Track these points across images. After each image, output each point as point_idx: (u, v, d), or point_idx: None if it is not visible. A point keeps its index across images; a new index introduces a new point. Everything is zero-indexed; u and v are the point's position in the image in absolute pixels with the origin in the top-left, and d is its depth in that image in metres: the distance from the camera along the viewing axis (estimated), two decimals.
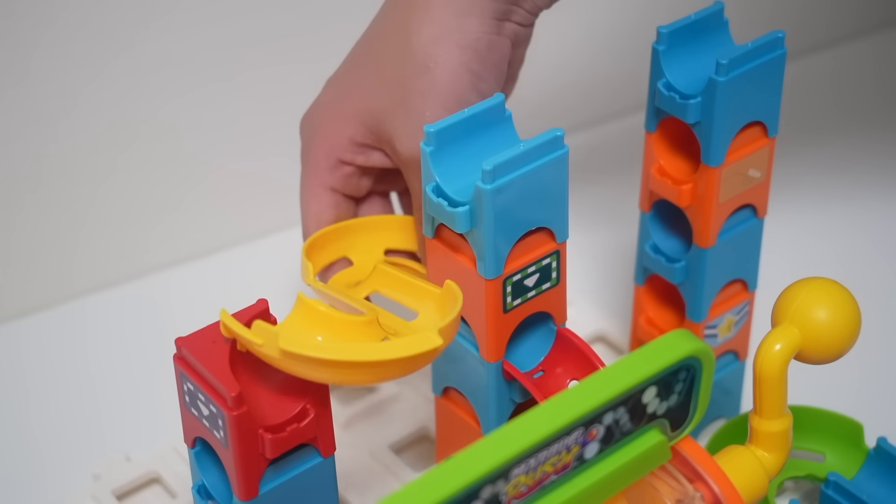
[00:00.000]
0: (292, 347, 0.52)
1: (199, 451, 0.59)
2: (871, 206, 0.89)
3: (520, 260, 0.59)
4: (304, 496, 0.59)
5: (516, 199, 0.57)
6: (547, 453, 0.50)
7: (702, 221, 0.66)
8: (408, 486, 0.46)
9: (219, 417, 0.55)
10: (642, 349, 0.52)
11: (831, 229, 0.87)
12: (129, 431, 0.74)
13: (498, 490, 0.48)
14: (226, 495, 0.59)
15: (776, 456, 0.59)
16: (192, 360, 0.56)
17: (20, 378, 0.78)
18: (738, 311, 0.70)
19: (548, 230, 0.60)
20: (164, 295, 0.84)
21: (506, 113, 0.60)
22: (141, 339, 0.80)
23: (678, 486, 0.56)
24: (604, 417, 0.51)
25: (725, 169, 0.65)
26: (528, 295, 0.60)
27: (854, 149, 0.95)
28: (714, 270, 0.67)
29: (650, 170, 0.67)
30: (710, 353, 0.53)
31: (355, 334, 0.57)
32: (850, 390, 0.74)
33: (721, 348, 0.71)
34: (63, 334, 0.81)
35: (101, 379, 0.78)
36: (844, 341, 0.58)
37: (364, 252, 0.67)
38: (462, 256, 0.60)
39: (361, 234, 0.67)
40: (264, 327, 0.53)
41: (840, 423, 0.68)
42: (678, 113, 0.64)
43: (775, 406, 0.58)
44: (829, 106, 1.00)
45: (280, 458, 0.58)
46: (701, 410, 0.55)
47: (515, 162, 0.57)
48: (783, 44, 0.64)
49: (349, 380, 0.53)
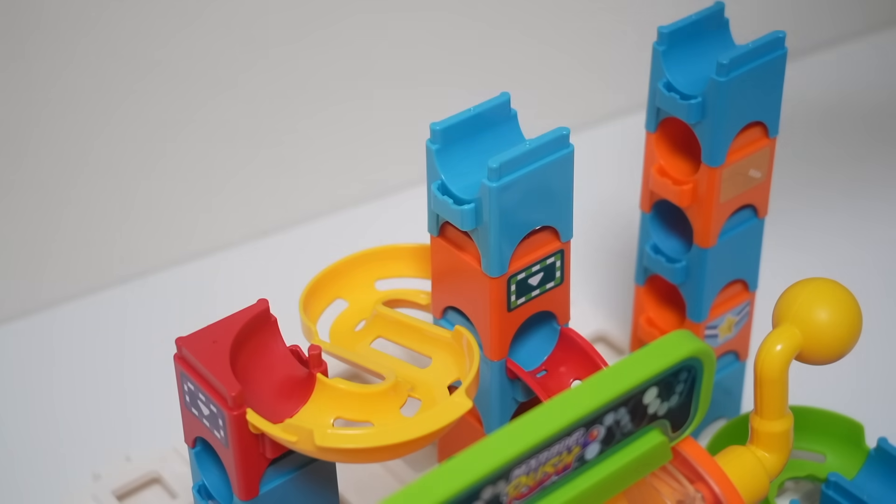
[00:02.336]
0: (329, 443, 0.53)
1: (199, 451, 0.59)
2: (872, 207, 0.89)
3: (524, 259, 0.60)
4: (304, 496, 0.59)
5: (521, 197, 0.57)
6: (548, 454, 0.50)
7: (702, 222, 0.66)
8: (408, 486, 0.46)
9: (219, 417, 0.55)
10: (643, 350, 0.52)
11: (832, 229, 0.87)
12: (129, 431, 0.74)
13: (499, 491, 0.48)
14: (226, 495, 0.59)
15: (777, 456, 0.59)
16: (193, 359, 0.56)
17: (20, 378, 0.78)
18: (739, 311, 0.70)
19: (552, 229, 0.60)
20: (164, 295, 0.84)
21: (511, 112, 0.60)
22: (141, 339, 0.80)
23: (679, 487, 0.56)
24: (605, 418, 0.51)
25: (726, 169, 0.65)
26: (531, 294, 0.61)
27: (854, 149, 0.95)
28: (714, 271, 0.67)
29: (650, 170, 0.67)
30: (711, 353, 0.53)
31: (380, 406, 0.58)
32: (850, 390, 0.74)
33: (722, 349, 0.71)
34: (63, 334, 0.81)
35: (101, 379, 0.77)
36: (845, 342, 0.58)
37: (356, 289, 0.67)
38: (466, 255, 0.60)
39: (350, 273, 0.66)
40: (295, 425, 0.54)
41: (840, 424, 0.68)
42: (679, 113, 0.64)
43: (776, 407, 0.58)
44: (830, 106, 1.00)
45: (280, 458, 0.58)
46: (702, 411, 0.55)
47: (521, 160, 0.57)
48: (783, 44, 0.64)
49: (387, 458, 0.55)
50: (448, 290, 0.63)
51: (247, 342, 0.58)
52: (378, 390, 0.58)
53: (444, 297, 0.63)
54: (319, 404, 0.58)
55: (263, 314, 0.58)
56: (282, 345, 0.59)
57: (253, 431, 0.55)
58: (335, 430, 0.53)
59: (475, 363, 0.57)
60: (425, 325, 0.62)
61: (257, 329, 0.58)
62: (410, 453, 0.58)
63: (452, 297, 0.63)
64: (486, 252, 0.58)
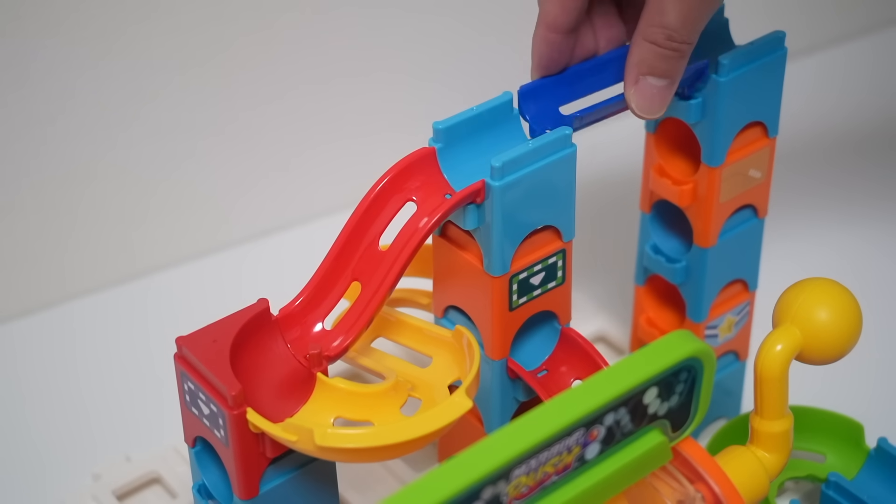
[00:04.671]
0: (329, 442, 0.53)
1: (199, 451, 0.59)
2: (872, 206, 0.89)
3: (526, 258, 0.60)
4: (304, 496, 0.59)
5: (524, 196, 0.58)
6: (548, 454, 0.50)
7: (702, 221, 0.66)
8: (408, 486, 0.46)
9: (219, 416, 0.55)
10: (643, 350, 0.52)
11: (831, 229, 0.87)
12: (129, 431, 0.74)
13: (499, 491, 0.48)
14: (226, 495, 0.59)
15: (777, 456, 0.59)
16: (193, 359, 0.56)
17: (20, 378, 0.78)
18: (739, 311, 0.70)
19: (554, 229, 0.60)
20: (164, 295, 0.84)
21: (513, 112, 0.60)
22: (141, 338, 0.80)
23: (679, 487, 0.56)
24: (605, 418, 0.51)
25: (726, 169, 0.65)
26: (533, 293, 0.61)
27: (854, 148, 0.95)
28: (714, 271, 0.67)
29: (650, 170, 0.67)
30: (711, 353, 0.53)
31: (380, 405, 0.58)
32: (850, 390, 0.74)
33: (721, 348, 0.71)
34: (63, 334, 0.81)
35: (102, 379, 0.77)
36: (846, 342, 0.58)
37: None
38: (468, 254, 0.60)
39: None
40: (295, 425, 0.54)
41: (840, 424, 0.68)
42: (678, 113, 0.64)
43: (776, 407, 0.58)
44: (829, 106, 1.00)
45: (280, 458, 0.58)
46: (702, 411, 0.55)
47: (524, 159, 0.57)
48: (783, 44, 0.64)
49: (387, 457, 0.54)
50: (450, 289, 0.63)
51: (247, 342, 0.58)
52: (378, 390, 0.58)
53: (445, 296, 0.63)
54: (319, 404, 0.58)
55: (263, 314, 0.58)
56: (281, 344, 0.59)
57: (253, 431, 0.55)
58: (335, 429, 0.53)
59: (475, 363, 0.57)
60: (426, 325, 0.62)
61: (257, 329, 0.58)
62: (410, 453, 0.58)
63: (454, 297, 0.63)
64: (487, 251, 0.59)
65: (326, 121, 0.87)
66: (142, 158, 0.83)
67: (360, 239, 0.60)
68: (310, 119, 0.87)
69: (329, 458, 0.55)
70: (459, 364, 0.60)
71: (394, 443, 0.53)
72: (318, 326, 0.59)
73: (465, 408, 0.55)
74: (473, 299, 0.61)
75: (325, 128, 0.87)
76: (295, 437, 0.54)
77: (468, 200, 0.58)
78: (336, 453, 0.54)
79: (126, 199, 0.83)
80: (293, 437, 0.54)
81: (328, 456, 0.54)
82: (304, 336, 0.59)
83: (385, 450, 0.54)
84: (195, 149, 0.84)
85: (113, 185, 0.83)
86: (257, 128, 0.86)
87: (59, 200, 0.81)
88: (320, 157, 0.88)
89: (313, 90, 0.86)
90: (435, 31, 0.88)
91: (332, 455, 0.54)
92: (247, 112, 0.85)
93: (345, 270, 0.60)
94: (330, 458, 0.55)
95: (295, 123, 0.87)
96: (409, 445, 0.54)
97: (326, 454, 0.54)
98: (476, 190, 0.57)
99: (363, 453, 0.53)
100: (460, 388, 0.56)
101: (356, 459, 0.54)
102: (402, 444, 0.54)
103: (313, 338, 0.59)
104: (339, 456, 0.54)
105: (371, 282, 0.59)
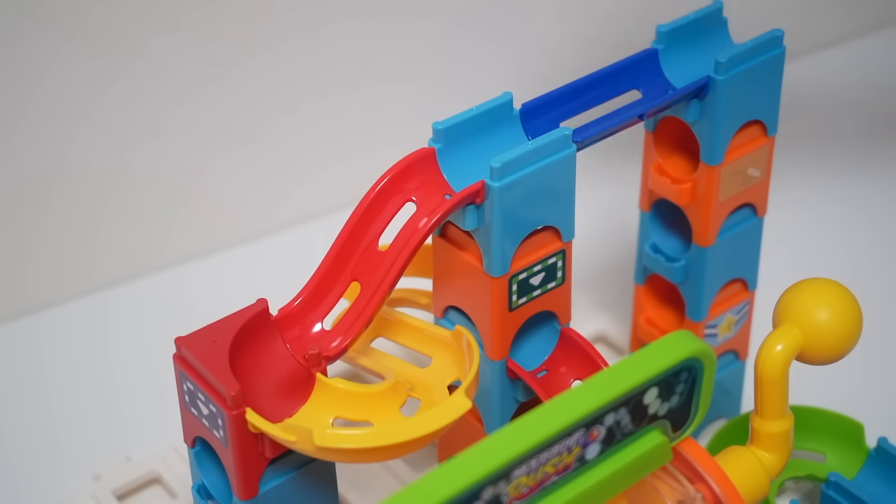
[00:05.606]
0: (329, 443, 0.53)
1: (199, 451, 0.59)
2: (871, 206, 0.89)
3: (526, 258, 0.60)
4: (304, 496, 0.59)
5: (524, 196, 0.58)
6: (548, 454, 0.50)
7: (701, 220, 0.66)
8: (409, 486, 0.46)
9: (218, 417, 0.55)
10: (643, 350, 0.52)
11: (831, 228, 0.87)
12: (129, 431, 0.74)
13: (499, 491, 0.48)
14: (226, 495, 0.59)
15: (777, 456, 0.59)
16: (192, 359, 0.56)
17: (20, 378, 0.78)
18: (738, 310, 0.70)
19: (554, 229, 0.60)
20: (164, 295, 0.84)
21: (513, 112, 0.60)
22: (141, 338, 0.80)
23: (679, 487, 0.56)
24: (605, 418, 0.51)
25: (725, 168, 0.65)
26: (533, 294, 0.61)
27: (854, 148, 0.95)
28: (714, 270, 0.67)
29: (649, 169, 0.67)
30: (711, 354, 0.53)
31: (380, 405, 0.58)
32: (851, 390, 0.74)
33: (721, 348, 0.71)
34: (62, 334, 0.81)
35: (101, 379, 0.77)
36: (846, 342, 0.58)
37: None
38: (468, 254, 0.60)
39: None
40: (294, 425, 0.54)
41: (840, 423, 0.68)
42: (677, 112, 0.64)
43: (776, 407, 0.58)
44: (829, 105, 1.00)
45: (280, 458, 0.58)
46: (702, 411, 0.55)
47: (523, 160, 0.57)
48: (782, 42, 0.64)
49: (387, 458, 0.54)
50: (449, 289, 0.63)
51: (246, 342, 0.58)
52: (378, 390, 0.58)
53: (445, 296, 0.63)
54: (319, 404, 0.58)
55: (263, 314, 0.58)
56: (281, 344, 0.59)
57: (252, 431, 0.55)
58: (334, 429, 0.53)
59: (475, 363, 0.57)
60: (425, 325, 0.62)
61: (256, 329, 0.58)
62: (410, 453, 0.58)
63: (454, 297, 0.63)
64: (487, 252, 0.59)
65: (326, 121, 0.87)
66: (141, 158, 0.83)
67: (359, 239, 0.60)
68: (310, 119, 0.87)
69: (328, 459, 0.55)
70: (459, 364, 0.60)
71: (393, 443, 0.53)
72: (317, 326, 0.59)
73: (464, 408, 0.55)
74: (473, 300, 0.61)
75: (325, 128, 0.87)
76: (294, 438, 0.54)
77: (468, 201, 0.58)
78: (335, 454, 0.54)
79: (126, 199, 0.83)
80: (292, 438, 0.54)
81: (327, 456, 0.54)
82: (304, 336, 0.59)
83: (384, 450, 0.54)
84: (195, 148, 0.84)
85: (113, 185, 0.83)
86: (257, 128, 0.86)
87: (59, 200, 0.81)
88: (320, 157, 0.88)
89: (313, 90, 0.86)
90: (435, 31, 0.88)
91: (331, 455, 0.54)
92: (247, 112, 0.85)
93: (344, 270, 0.60)
94: (329, 458, 0.55)
95: (295, 123, 0.86)
96: (408, 446, 0.54)
97: (326, 454, 0.54)
98: (476, 190, 0.57)
99: (362, 454, 0.53)
100: (460, 388, 0.56)
101: (356, 460, 0.54)
102: (401, 445, 0.54)
103: (312, 338, 0.59)
104: (339, 456, 0.54)
105: (370, 282, 0.59)
